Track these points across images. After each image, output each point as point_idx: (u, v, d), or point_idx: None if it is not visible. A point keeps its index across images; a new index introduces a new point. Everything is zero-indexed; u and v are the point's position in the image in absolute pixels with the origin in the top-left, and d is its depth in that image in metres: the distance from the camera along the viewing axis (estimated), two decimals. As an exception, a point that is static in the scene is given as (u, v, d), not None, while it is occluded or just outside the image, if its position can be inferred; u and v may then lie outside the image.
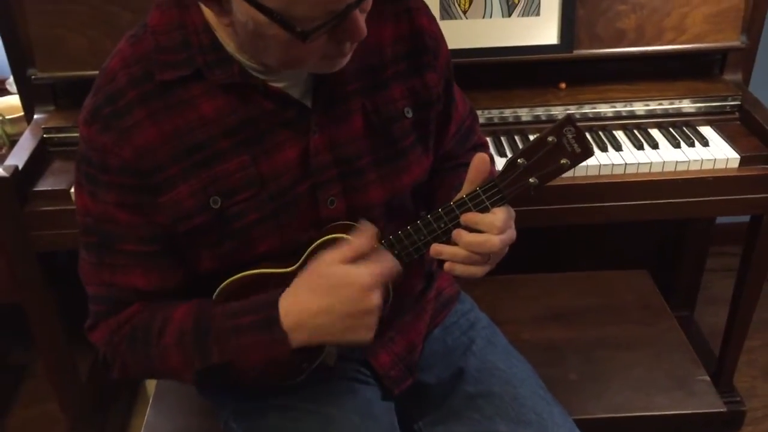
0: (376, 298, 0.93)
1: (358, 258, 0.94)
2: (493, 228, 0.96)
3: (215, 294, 1.06)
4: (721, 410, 1.36)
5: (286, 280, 1.01)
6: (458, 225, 0.99)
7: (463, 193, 0.99)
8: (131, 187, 0.96)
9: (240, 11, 0.84)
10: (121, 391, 2.12)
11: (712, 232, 2.12)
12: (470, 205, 0.98)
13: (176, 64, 0.94)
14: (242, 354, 0.97)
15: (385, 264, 0.95)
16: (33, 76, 1.63)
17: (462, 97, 1.24)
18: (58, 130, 1.64)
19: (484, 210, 0.98)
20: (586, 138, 0.94)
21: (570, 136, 0.93)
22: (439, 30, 1.13)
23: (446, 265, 1.00)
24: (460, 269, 0.99)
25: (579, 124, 0.94)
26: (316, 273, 0.95)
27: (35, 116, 1.70)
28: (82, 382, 1.91)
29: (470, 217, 0.98)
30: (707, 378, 1.40)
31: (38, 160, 1.60)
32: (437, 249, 0.99)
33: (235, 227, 1.00)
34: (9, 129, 1.87)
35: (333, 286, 0.93)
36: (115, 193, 0.96)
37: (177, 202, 0.97)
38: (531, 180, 0.96)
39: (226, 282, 1.05)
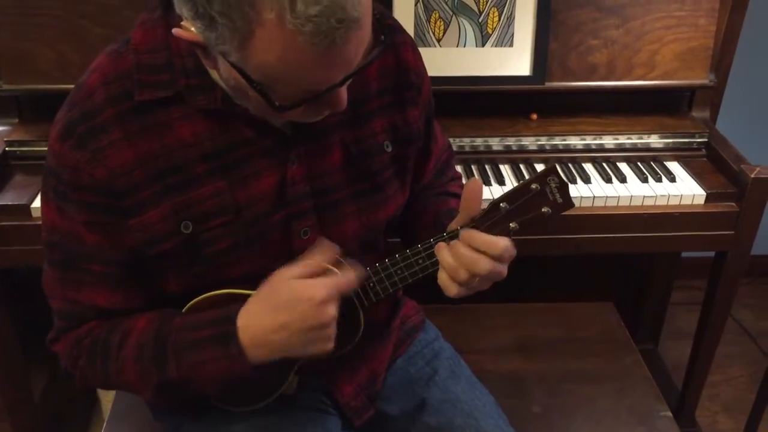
0: (331, 311, 0.92)
1: (312, 274, 0.93)
2: (494, 248, 0.93)
3: (184, 311, 1.03)
4: (682, 447, 1.36)
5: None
6: (435, 263, 0.98)
7: (456, 224, 0.98)
8: (101, 206, 0.93)
9: (224, 68, 0.83)
10: (76, 411, 2.07)
11: (677, 265, 2.14)
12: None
13: (157, 85, 0.92)
14: (199, 368, 0.95)
15: (339, 277, 0.94)
16: (-1, 88, 1.60)
17: (440, 132, 1.24)
18: (21, 143, 1.60)
19: None
20: (569, 190, 0.95)
21: (553, 185, 0.94)
22: (424, 66, 1.12)
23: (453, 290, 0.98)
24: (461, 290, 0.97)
25: (549, 155, 0.94)
26: (271, 289, 0.94)
27: (-1, 128, 1.66)
28: (35, 403, 1.86)
29: (470, 233, 0.94)
30: (669, 414, 1.40)
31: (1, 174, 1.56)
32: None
33: (206, 253, 0.98)
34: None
35: (288, 301, 0.92)
36: (85, 211, 0.94)
37: (147, 225, 0.94)
38: (512, 225, 0.96)
39: (194, 301, 1.03)
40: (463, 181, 1.54)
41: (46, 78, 1.59)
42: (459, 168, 1.64)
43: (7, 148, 1.60)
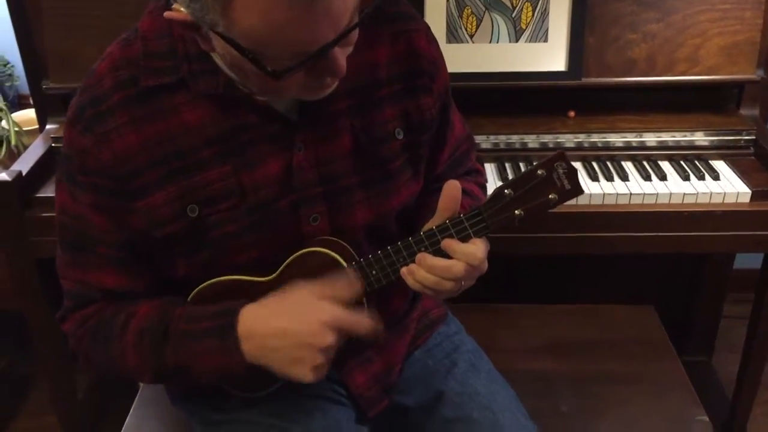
0: (330, 338, 0.92)
1: (334, 300, 0.94)
2: (473, 258, 0.95)
3: (190, 298, 1.05)
4: (719, 453, 1.28)
5: (260, 289, 1.00)
6: (438, 251, 0.97)
7: (433, 224, 0.97)
8: (107, 189, 0.95)
9: (218, 44, 0.84)
10: (119, 406, 2.11)
11: (729, 275, 2.05)
12: (452, 231, 0.96)
13: (161, 71, 0.94)
14: (196, 359, 0.96)
15: (355, 317, 0.94)
16: (45, 87, 1.67)
17: (460, 122, 1.21)
18: (67, 139, 1.66)
19: (466, 238, 0.96)
20: (577, 175, 0.92)
21: (561, 171, 0.91)
22: (439, 53, 1.11)
23: (412, 284, 0.99)
24: (427, 291, 0.98)
25: (587, 153, 0.92)
26: (288, 294, 0.96)
27: (47, 126, 1.73)
28: (79, 398, 1.91)
29: (450, 244, 0.96)
30: (706, 419, 1.33)
31: (44, 168, 1.62)
32: (405, 271, 0.98)
33: (213, 237, 0.99)
34: (25, 140, 1.91)
35: (297, 311, 0.93)
36: (92, 194, 0.96)
37: (153, 208, 0.96)
38: (517, 212, 0.94)
39: (200, 287, 1.04)
40: (490, 179, 1.54)
41: (90, 77, 1.65)
42: (492, 166, 1.62)
43: (53, 144, 1.66)
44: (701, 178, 1.56)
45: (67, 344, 1.59)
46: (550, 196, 0.92)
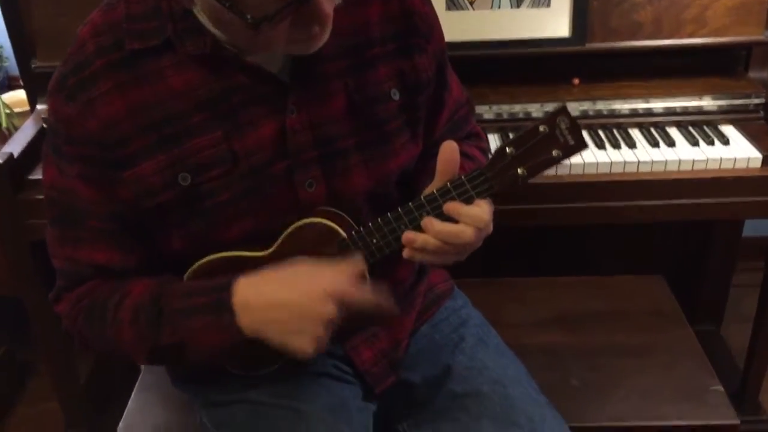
0: (331, 309, 0.89)
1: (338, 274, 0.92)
2: (479, 221, 0.91)
3: (186, 275, 1.01)
4: (735, 423, 1.25)
5: (258, 264, 0.97)
6: (441, 215, 0.93)
7: (432, 188, 0.93)
8: (94, 159, 0.92)
9: None
10: (122, 392, 2.09)
11: (738, 243, 2.01)
12: (454, 194, 0.92)
13: (146, 33, 0.91)
14: (193, 336, 0.93)
15: (357, 288, 0.91)
16: (34, 66, 1.62)
17: (458, 85, 1.18)
18: (58, 119, 1.62)
19: (469, 200, 0.92)
20: (580, 130, 0.88)
21: (563, 126, 0.88)
22: (433, 12, 1.08)
23: (405, 252, 0.95)
24: (427, 257, 0.95)
25: (593, 121, 0.88)
26: (289, 266, 0.93)
27: (37, 107, 1.69)
28: (80, 384, 1.88)
29: (454, 207, 0.92)
30: (721, 389, 1.30)
31: (36, 149, 1.58)
32: (409, 237, 0.94)
33: (206, 206, 0.95)
34: (16, 122, 1.87)
35: (295, 283, 0.90)
36: (79, 165, 0.93)
37: (142, 177, 0.93)
38: (520, 171, 0.90)
39: (197, 264, 1.01)
40: (492, 146, 1.50)
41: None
42: (495, 137, 1.58)
43: (44, 125, 1.62)
44: (711, 143, 1.52)
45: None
46: (553, 153, 0.89)
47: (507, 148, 0.89)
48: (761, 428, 1.80)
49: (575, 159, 1.46)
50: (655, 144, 1.53)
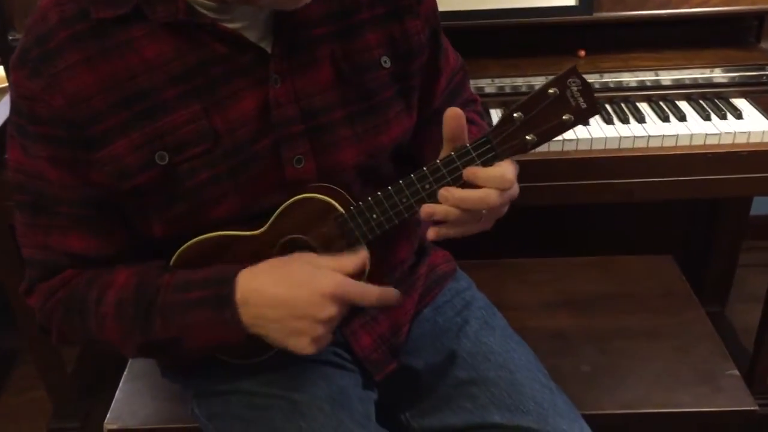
0: (332, 309, 0.84)
1: (338, 270, 0.86)
2: (502, 182, 0.85)
3: (172, 261, 0.95)
4: (752, 408, 1.20)
5: (250, 244, 0.91)
6: (445, 185, 0.87)
7: (441, 155, 0.87)
8: (63, 139, 0.85)
9: None
10: (107, 380, 2.03)
11: (745, 222, 1.96)
12: (459, 163, 0.86)
13: (113, 0, 0.83)
14: (188, 331, 0.87)
15: (360, 286, 0.86)
16: (12, 38, 1.54)
17: (452, 50, 1.12)
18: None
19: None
20: (593, 92, 0.82)
21: (575, 88, 0.81)
22: None
23: (431, 233, 0.88)
24: (451, 232, 0.88)
25: (600, 94, 0.82)
26: (288, 261, 0.87)
27: (15, 82, 1.60)
28: (67, 372, 1.83)
29: (474, 171, 0.85)
30: (737, 372, 1.25)
31: (14, 127, 1.51)
32: (428, 210, 0.87)
33: (187, 187, 0.89)
34: (-4, 99, 1.79)
35: (298, 280, 0.85)
36: (46, 146, 0.86)
37: (116, 157, 0.86)
38: (528, 137, 0.84)
39: (183, 247, 0.94)
40: (493, 119, 1.43)
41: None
42: (498, 111, 1.52)
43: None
44: (723, 117, 1.46)
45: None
46: (564, 118, 0.83)
47: (515, 114, 0.83)
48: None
49: (582, 134, 1.42)
50: (665, 118, 1.46)
